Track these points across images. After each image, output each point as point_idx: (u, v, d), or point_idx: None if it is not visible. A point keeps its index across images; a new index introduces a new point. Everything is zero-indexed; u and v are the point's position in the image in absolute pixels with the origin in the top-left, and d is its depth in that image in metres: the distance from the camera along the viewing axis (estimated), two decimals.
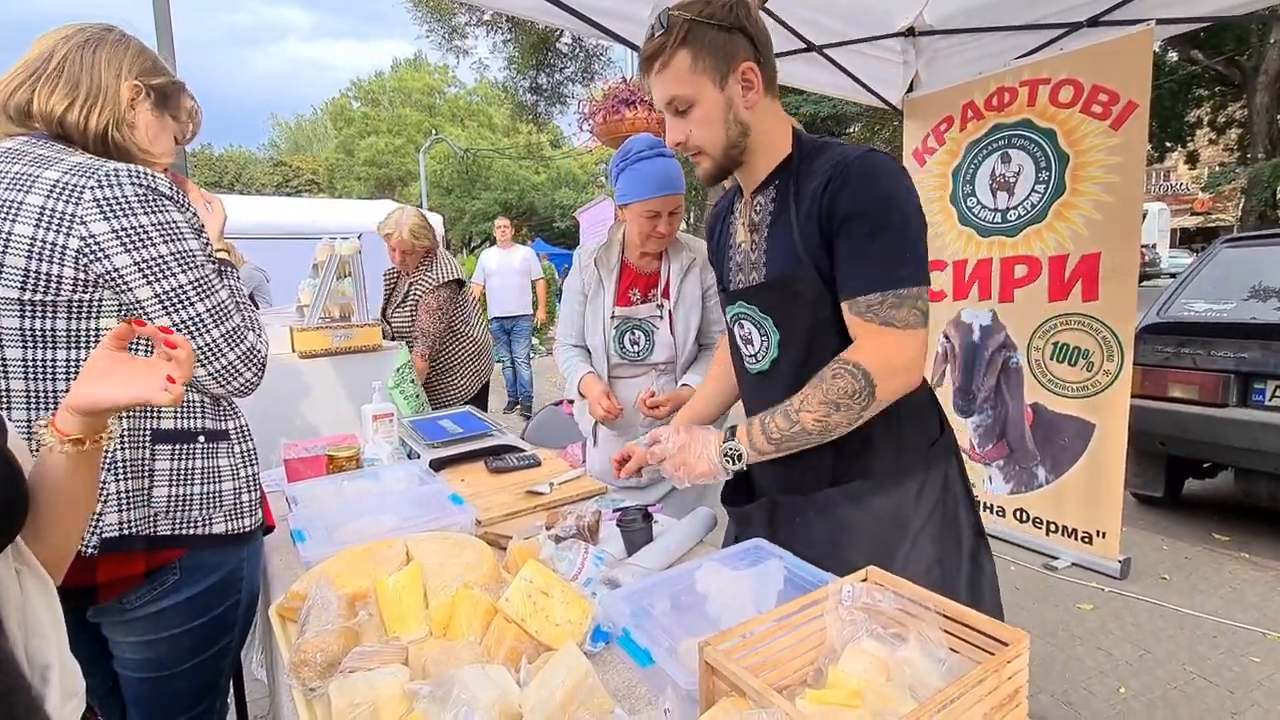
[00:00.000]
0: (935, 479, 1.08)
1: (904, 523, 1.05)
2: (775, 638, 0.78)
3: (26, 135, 0.93)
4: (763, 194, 1.08)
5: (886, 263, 0.94)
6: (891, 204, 0.94)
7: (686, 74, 0.98)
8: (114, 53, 0.97)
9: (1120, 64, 2.52)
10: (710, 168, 1.05)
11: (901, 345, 0.95)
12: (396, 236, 2.82)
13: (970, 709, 0.66)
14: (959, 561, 1.09)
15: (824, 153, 1.01)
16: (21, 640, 0.62)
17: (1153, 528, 3.27)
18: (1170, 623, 2.45)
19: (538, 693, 0.76)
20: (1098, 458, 2.76)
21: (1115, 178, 2.59)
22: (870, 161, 0.96)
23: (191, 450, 0.98)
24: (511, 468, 1.71)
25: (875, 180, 0.95)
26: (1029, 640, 0.71)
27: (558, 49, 16.76)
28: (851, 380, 0.94)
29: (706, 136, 1.02)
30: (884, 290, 0.94)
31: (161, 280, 0.91)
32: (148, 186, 0.91)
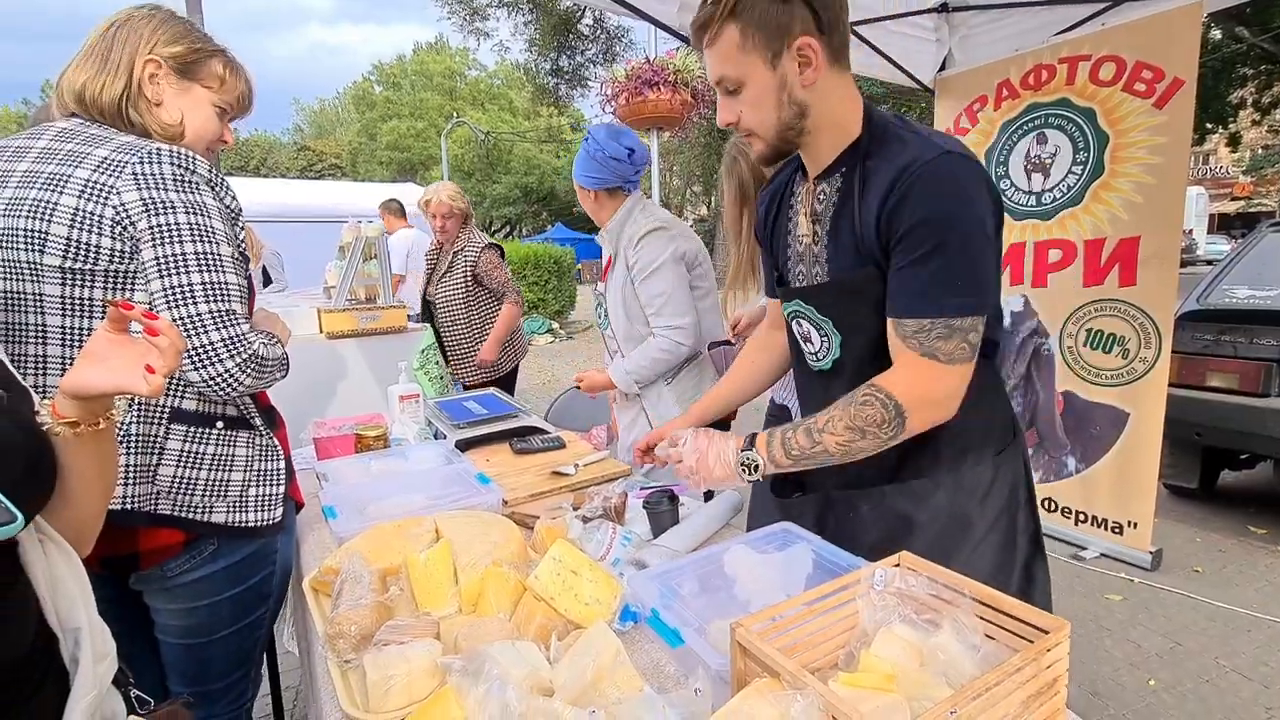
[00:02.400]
0: (1003, 484, 1.03)
1: (966, 525, 1.01)
2: (806, 620, 0.78)
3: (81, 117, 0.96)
4: (826, 182, 0.99)
5: (938, 288, 0.87)
6: (953, 222, 0.86)
7: (735, 52, 0.91)
8: (136, 28, 0.97)
9: (1166, 39, 2.42)
10: (764, 150, 0.98)
11: (940, 379, 0.89)
12: (435, 201, 2.89)
13: (1009, 696, 0.65)
14: (1012, 571, 1.04)
15: (896, 144, 0.92)
16: (51, 604, 0.63)
17: (1185, 519, 3.20)
18: (1202, 616, 2.40)
19: (569, 669, 0.76)
20: (1131, 447, 2.69)
21: (1158, 159, 2.50)
22: (939, 168, 0.86)
23: (206, 435, 0.99)
24: (536, 449, 1.72)
25: (939, 193, 0.86)
26: (1069, 629, 0.70)
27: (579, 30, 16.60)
28: (881, 410, 0.90)
29: (758, 118, 0.94)
30: (933, 318, 0.87)
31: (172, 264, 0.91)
32: (186, 168, 0.93)
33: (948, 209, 0.86)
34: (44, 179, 0.88)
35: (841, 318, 1.01)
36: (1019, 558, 1.05)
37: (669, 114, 4.47)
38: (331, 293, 2.53)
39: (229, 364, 0.93)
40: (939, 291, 0.87)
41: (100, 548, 0.72)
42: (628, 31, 15.86)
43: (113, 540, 0.74)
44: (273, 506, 1.05)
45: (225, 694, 1.07)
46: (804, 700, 0.60)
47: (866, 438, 0.92)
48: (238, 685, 1.09)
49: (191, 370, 0.92)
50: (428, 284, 3.06)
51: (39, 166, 0.89)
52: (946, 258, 0.86)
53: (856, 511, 1.04)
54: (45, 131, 0.93)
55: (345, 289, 2.45)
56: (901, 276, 0.90)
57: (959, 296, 0.87)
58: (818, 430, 0.94)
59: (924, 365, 0.89)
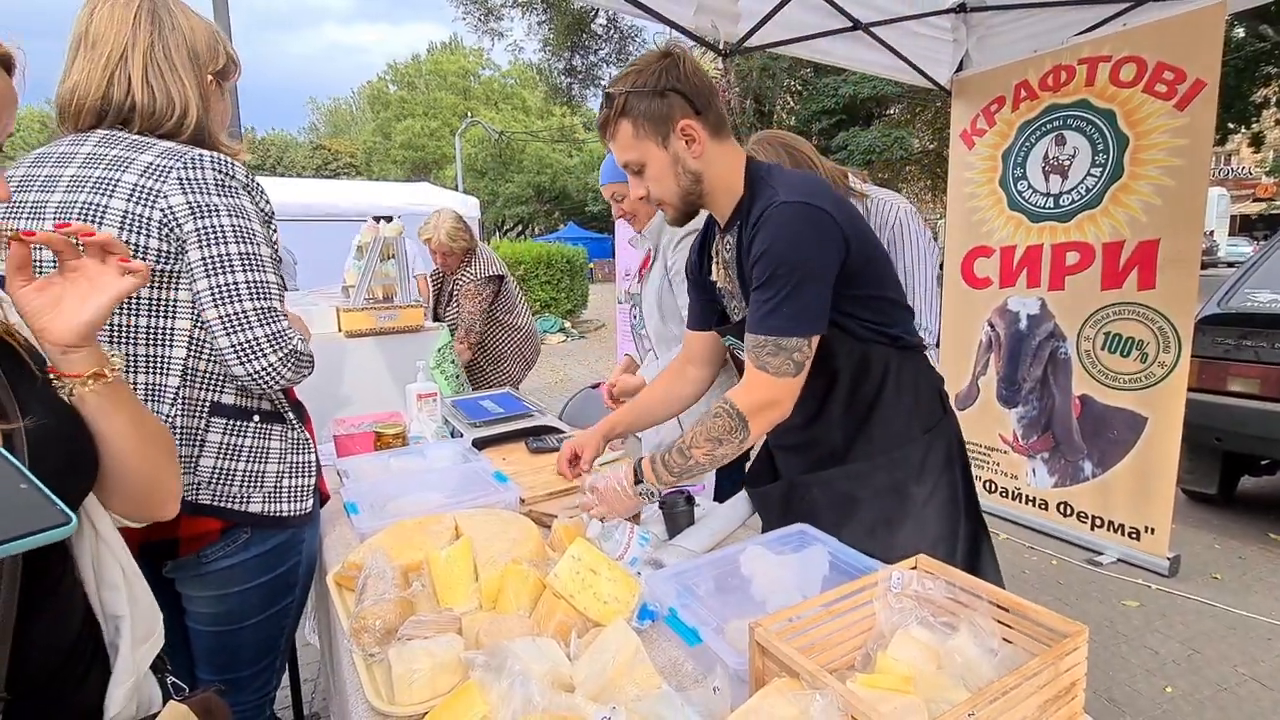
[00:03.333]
0: (936, 456, 1.17)
1: (905, 498, 1.14)
2: (823, 621, 0.79)
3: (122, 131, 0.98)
4: (730, 234, 1.15)
5: (770, 313, 1.03)
6: (783, 258, 1.01)
7: (631, 140, 1.07)
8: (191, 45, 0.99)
9: (1188, 40, 2.40)
10: (674, 215, 1.14)
11: (770, 388, 1.05)
12: (435, 240, 2.93)
13: (1026, 700, 0.65)
14: (956, 540, 1.17)
15: (762, 194, 1.07)
16: (96, 592, 0.65)
17: (1204, 525, 3.16)
18: (1221, 623, 2.37)
19: (589, 666, 0.77)
20: (1149, 452, 2.67)
21: (1179, 161, 2.47)
22: (779, 214, 1.02)
23: (244, 428, 1.02)
24: (552, 448, 1.73)
25: (776, 235, 1.01)
26: (1088, 633, 0.70)
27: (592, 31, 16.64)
28: (728, 419, 1.06)
29: (662, 190, 1.11)
30: (764, 335, 1.04)
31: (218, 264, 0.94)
32: (226, 173, 0.97)
33: (780, 248, 1.01)
34: (93, 183, 0.91)
35: None
36: (961, 529, 1.18)
37: None
38: (350, 292, 2.56)
39: (272, 358, 0.97)
40: (770, 315, 1.03)
41: (141, 533, 0.74)
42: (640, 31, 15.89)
43: (155, 526, 0.76)
44: (305, 497, 1.08)
45: (252, 682, 1.10)
46: (823, 700, 0.61)
47: (724, 445, 1.07)
48: (264, 674, 1.12)
49: (237, 365, 0.95)
50: (436, 306, 3.14)
51: (86, 171, 0.92)
52: (777, 288, 1.02)
53: (810, 494, 1.19)
54: (87, 138, 0.96)
55: (364, 288, 2.48)
56: (750, 300, 1.07)
57: (785, 321, 1.02)
58: (686, 448, 1.09)
59: (759, 377, 1.05)
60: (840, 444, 1.17)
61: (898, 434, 1.15)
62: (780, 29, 2.79)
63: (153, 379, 0.94)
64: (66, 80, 0.97)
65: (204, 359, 0.97)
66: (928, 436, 1.17)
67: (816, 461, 1.20)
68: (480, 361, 3.06)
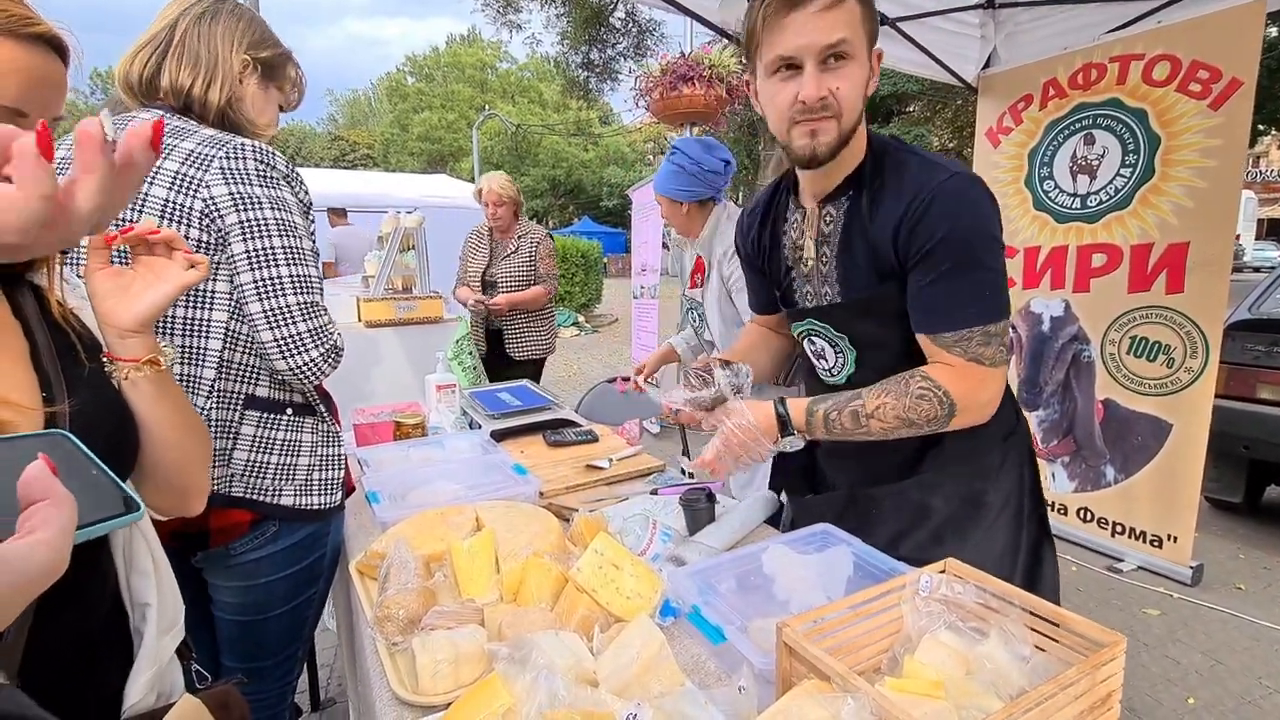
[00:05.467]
0: (1011, 466, 1.09)
1: (980, 506, 1.06)
2: (850, 624, 0.78)
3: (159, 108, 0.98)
4: (833, 204, 1.02)
5: (972, 299, 0.92)
6: (976, 236, 0.91)
7: (857, 23, 0.89)
8: (228, 25, 1.00)
9: (1225, 38, 2.34)
10: (834, 140, 0.93)
11: (987, 382, 0.95)
12: (488, 190, 2.99)
13: (1062, 710, 0.64)
14: (1019, 551, 1.09)
15: (902, 171, 0.95)
16: (124, 576, 0.66)
17: (1228, 534, 3.10)
18: (1245, 634, 2.33)
19: (613, 661, 0.77)
20: (1174, 458, 2.62)
21: (1212, 162, 2.42)
22: (954, 187, 0.91)
23: (277, 421, 1.02)
24: (570, 442, 1.74)
25: (959, 209, 0.91)
26: (1126, 644, 0.68)
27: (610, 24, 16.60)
28: (936, 406, 0.94)
29: (851, 100, 0.91)
30: (970, 327, 0.93)
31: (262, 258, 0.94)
32: (267, 164, 0.97)
33: (968, 224, 0.91)
34: None
35: (857, 334, 1.05)
36: (1025, 539, 1.09)
37: (704, 109, 4.45)
38: (370, 282, 2.58)
39: (314, 353, 0.97)
40: (972, 302, 0.92)
41: (173, 524, 0.75)
42: (659, 25, 15.81)
43: (186, 518, 0.77)
44: (334, 490, 1.08)
45: (275, 670, 1.11)
46: (855, 703, 0.60)
47: (912, 427, 0.95)
48: (287, 663, 1.13)
49: (279, 359, 0.96)
50: (489, 264, 3.13)
51: None
52: (973, 271, 0.92)
53: (878, 506, 1.09)
54: (128, 124, 0.96)
55: (384, 278, 2.49)
56: (932, 292, 0.94)
57: (990, 304, 0.93)
58: (864, 415, 0.96)
59: (973, 369, 0.94)
60: (912, 454, 1.07)
61: (979, 438, 1.04)
62: None
63: (189, 370, 0.94)
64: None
65: (239, 351, 0.97)
66: (1005, 444, 1.09)
67: (882, 472, 1.10)
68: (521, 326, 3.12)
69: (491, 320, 3.11)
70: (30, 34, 0.52)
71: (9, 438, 0.45)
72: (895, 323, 1.00)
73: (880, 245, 0.96)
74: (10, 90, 0.51)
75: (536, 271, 3.07)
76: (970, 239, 0.91)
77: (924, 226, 0.91)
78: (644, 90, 4.58)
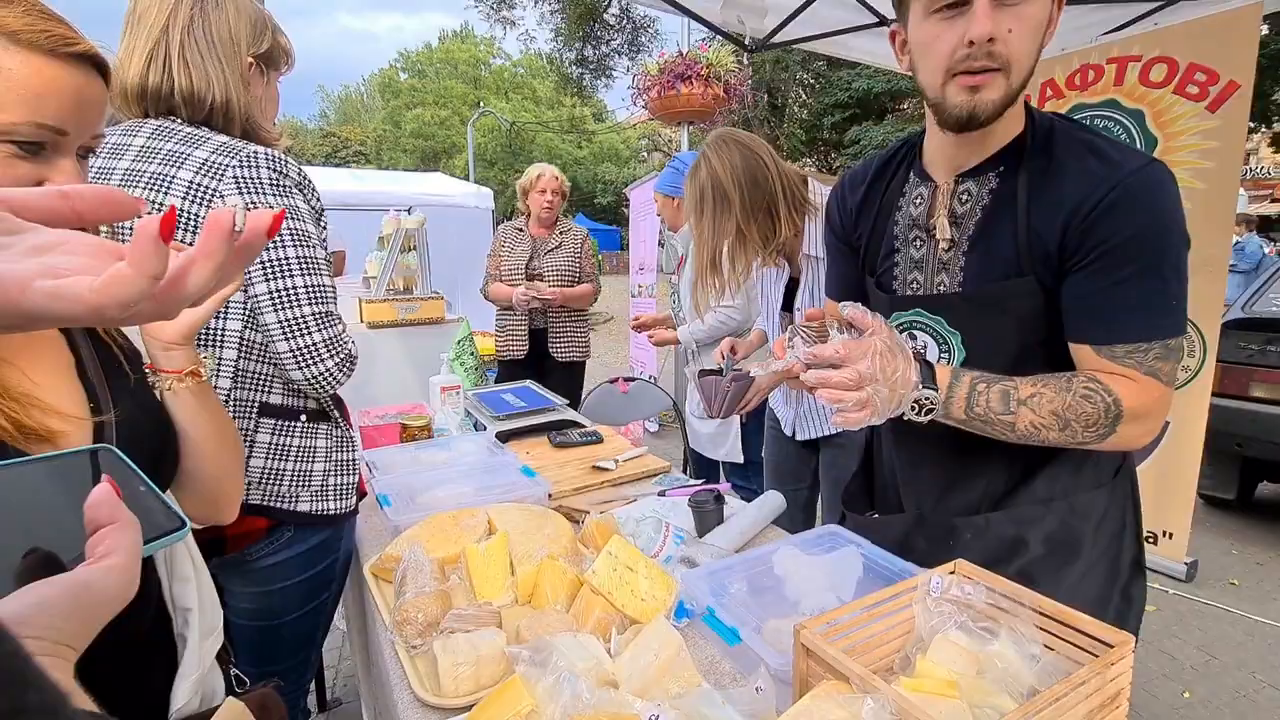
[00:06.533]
0: (1117, 509, 0.97)
1: (1076, 550, 0.95)
2: (863, 624, 0.79)
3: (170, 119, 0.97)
4: (975, 181, 0.89)
5: (1157, 307, 0.80)
6: (1169, 237, 0.79)
7: None
8: (230, 25, 0.98)
9: (1222, 41, 2.36)
10: (999, 99, 0.79)
11: (1160, 400, 0.82)
12: (547, 177, 2.92)
13: (1074, 709, 0.66)
14: (1110, 601, 0.98)
15: (1083, 151, 0.83)
16: (167, 583, 0.67)
17: (1222, 531, 3.14)
18: (1239, 629, 2.36)
19: (632, 663, 0.78)
20: (1170, 456, 2.65)
21: (1209, 163, 2.44)
22: (1151, 178, 0.79)
23: (292, 428, 1.03)
24: (575, 443, 1.74)
25: (1155, 207, 0.78)
26: (1134, 643, 0.70)
27: (605, 20, 16.56)
28: (1101, 411, 0.81)
29: (1024, 47, 0.77)
30: (1149, 340, 0.81)
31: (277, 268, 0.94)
32: (280, 172, 0.97)
33: (1164, 224, 0.79)
34: (148, 178, 0.92)
35: (976, 331, 0.91)
36: (1119, 582, 0.99)
37: (701, 108, 4.46)
38: (371, 283, 2.58)
39: (329, 363, 0.98)
40: (1156, 311, 0.81)
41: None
42: (654, 21, 15.79)
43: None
44: (349, 495, 1.09)
45: (288, 674, 1.11)
46: (875, 704, 0.62)
47: (1065, 431, 0.82)
48: (300, 666, 1.13)
49: (295, 369, 0.96)
50: (530, 259, 2.98)
51: (140, 165, 0.93)
52: (1164, 275, 0.79)
53: (956, 536, 0.97)
54: (140, 129, 0.96)
55: (385, 279, 2.49)
56: (1109, 296, 0.81)
57: (1174, 316, 0.81)
58: (1017, 400, 0.82)
59: (1150, 383, 0.82)
60: (1002, 485, 0.96)
61: (1085, 475, 0.95)
62: (806, 25, 2.77)
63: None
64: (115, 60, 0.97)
65: (253, 360, 0.98)
66: (1113, 483, 0.97)
67: (967, 499, 0.98)
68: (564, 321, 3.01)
69: (535, 319, 2.95)
70: (72, 53, 0.52)
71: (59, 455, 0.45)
72: (1019, 324, 0.88)
73: (1041, 234, 0.83)
74: (51, 109, 0.51)
75: (582, 269, 2.98)
76: (1164, 241, 0.79)
77: (1110, 220, 0.78)
78: (642, 89, 4.59)
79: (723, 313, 2.30)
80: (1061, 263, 0.83)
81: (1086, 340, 0.85)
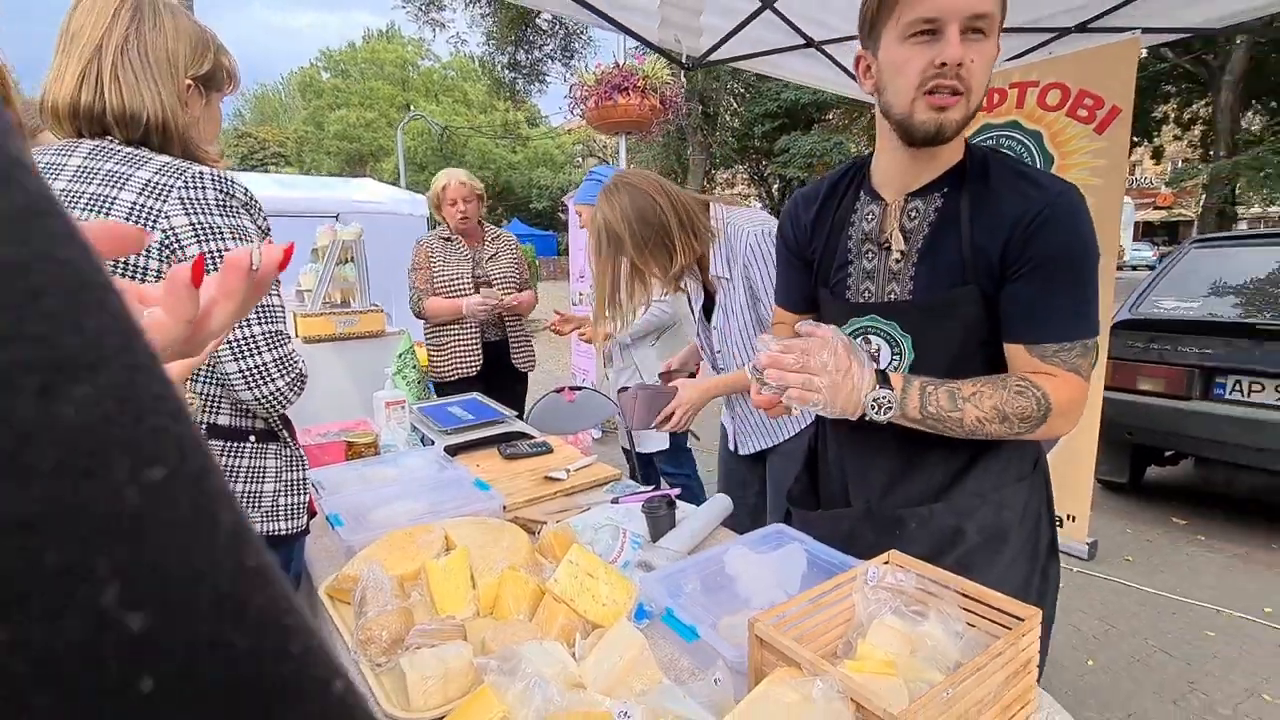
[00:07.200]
0: (1035, 500, 1.10)
1: (1005, 539, 1.06)
2: (810, 615, 0.86)
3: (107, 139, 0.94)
4: (922, 199, 1.00)
5: (1079, 312, 0.93)
6: (1088, 251, 0.92)
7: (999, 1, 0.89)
8: (171, 47, 0.95)
9: (1106, 70, 2.63)
10: (961, 118, 0.91)
11: (1082, 394, 0.95)
12: (454, 185, 2.71)
13: (992, 676, 0.74)
14: (1033, 576, 1.11)
15: (1017, 176, 0.95)
16: None
17: (1117, 512, 3.46)
18: (1133, 600, 2.62)
19: (598, 665, 0.82)
20: (1071, 446, 2.90)
21: (1098, 180, 2.70)
22: (1073, 201, 0.92)
23: (241, 449, 1.01)
24: (525, 454, 1.76)
25: (1077, 224, 0.91)
26: (1041, 615, 0.80)
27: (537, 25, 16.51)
28: (1034, 405, 0.92)
29: (980, 78, 0.90)
30: (1073, 340, 0.94)
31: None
32: (227, 193, 0.95)
33: (1084, 240, 0.92)
34: (86, 199, 0.88)
35: (925, 335, 1.02)
36: (1038, 564, 1.12)
37: (638, 119, 4.54)
38: (306, 296, 2.50)
39: (279, 383, 0.97)
40: (1079, 316, 0.93)
41: None
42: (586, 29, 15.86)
43: None
44: (300, 515, 1.08)
45: None
46: (824, 684, 0.68)
47: (1004, 424, 0.93)
48: None
49: (245, 390, 0.94)
50: (475, 266, 2.82)
51: (78, 186, 0.89)
52: (1084, 284, 0.93)
53: (902, 527, 1.07)
54: (75, 148, 0.92)
55: (321, 293, 2.43)
56: (1042, 302, 0.93)
57: (1091, 320, 0.94)
58: (962, 398, 0.93)
59: (1072, 378, 0.94)
60: (945, 477, 1.07)
61: (1011, 471, 1.07)
62: (740, 44, 2.88)
63: None
64: (47, 77, 0.93)
65: (200, 381, 0.96)
66: (1032, 476, 1.09)
67: (915, 491, 1.08)
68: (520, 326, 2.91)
69: (487, 331, 2.80)
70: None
71: None
72: (963, 328, 1.00)
73: (984, 247, 0.95)
74: None
75: (521, 276, 2.87)
76: (1085, 254, 0.92)
77: (1044, 234, 0.90)
78: (579, 98, 4.63)
79: (656, 308, 2.46)
80: (1003, 272, 0.95)
81: (1021, 340, 0.96)
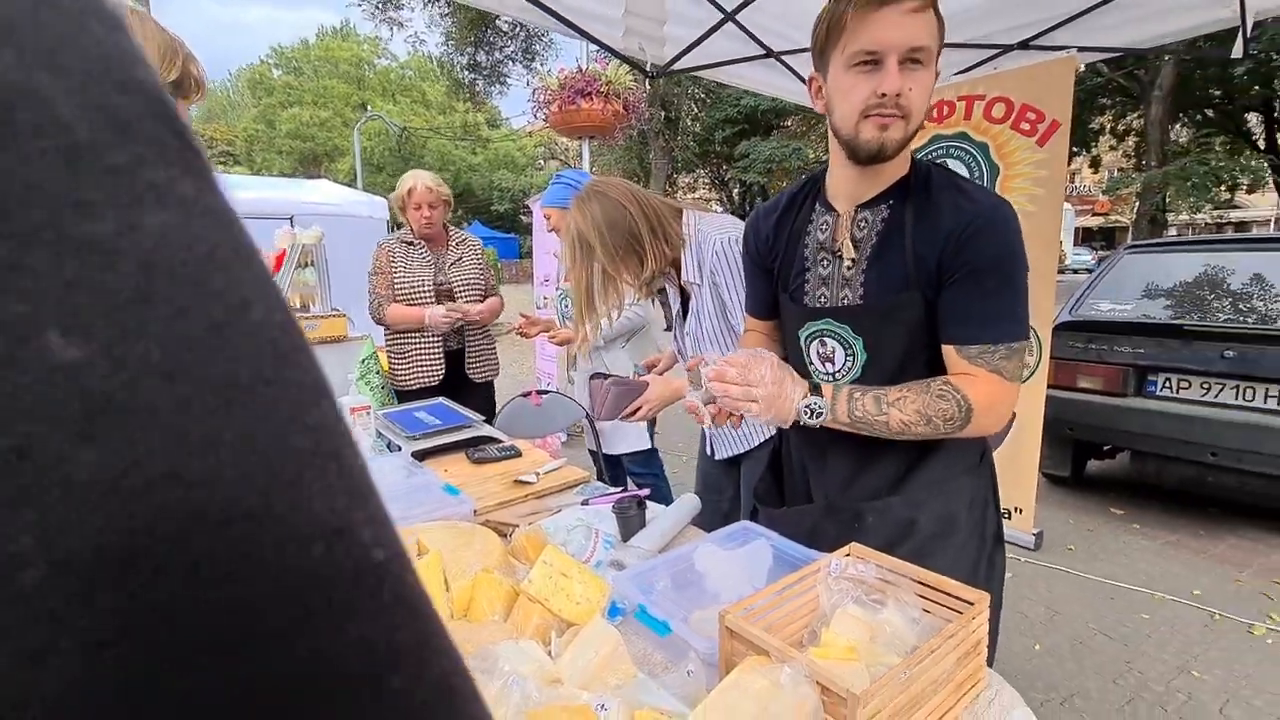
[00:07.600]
0: (982, 490, 1.18)
1: (954, 528, 1.13)
2: (777, 606, 0.90)
3: None
4: (870, 210, 1.07)
5: (1005, 316, 1.00)
6: (1016, 260, 0.99)
7: (935, 34, 0.96)
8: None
9: (1046, 85, 2.77)
10: (901, 138, 0.98)
11: (1005, 394, 1.01)
12: (420, 189, 2.53)
13: (946, 656, 0.80)
14: (980, 562, 1.18)
15: (949, 190, 1.02)
16: None
17: (1059, 504, 3.64)
18: (1075, 587, 2.76)
19: (574, 662, 0.85)
20: (1017, 442, 3.05)
21: (1040, 190, 2.85)
22: (1003, 214, 0.99)
23: None
24: (494, 458, 1.77)
25: (1006, 235, 0.98)
26: (989, 599, 0.86)
27: (497, 27, 16.38)
28: (955, 407, 0.99)
29: (919, 102, 0.97)
30: (996, 343, 1.00)
31: None
32: None
33: (1013, 250, 0.98)
34: None
35: (875, 337, 1.09)
36: (985, 551, 1.19)
37: (601, 123, 4.57)
38: None
39: None
40: (1006, 319, 1.00)
41: None
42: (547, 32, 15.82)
43: None
44: None
45: None
46: (792, 670, 0.72)
47: (929, 426, 1.00)
48: None
49: None
50: (437, 273, 2.69)
51: None
52: (1012, 291, 0.99)
53: (861, 520, 1.13)
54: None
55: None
56: (972, 305, 1.00)
57: (1018, 324, 1.00)
58: (887, 403, 1.00)
59: (994, 380, 1.00)
60: (900, 470, 1.13)
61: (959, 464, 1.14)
62: (703, 54, 2.94)
63: None
64: None
65: None
66: (979, 469, 1.17)
67: (872, 485, 1.15)
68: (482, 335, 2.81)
69: (449, 340, 2.67)
70: None
71: None
72: (908, 330, 1.06)
73: (924, 256, 1.01)
74: None
75: (486, 281, 2.78)
76: (1014, 261, 0.98)
77: (975, 244, 0.97)
78: (542, 102, 4.63)
79: (630, 311, 2.48)
80: (940, 278, 1.01)
81: (952, 342, 1.03)
